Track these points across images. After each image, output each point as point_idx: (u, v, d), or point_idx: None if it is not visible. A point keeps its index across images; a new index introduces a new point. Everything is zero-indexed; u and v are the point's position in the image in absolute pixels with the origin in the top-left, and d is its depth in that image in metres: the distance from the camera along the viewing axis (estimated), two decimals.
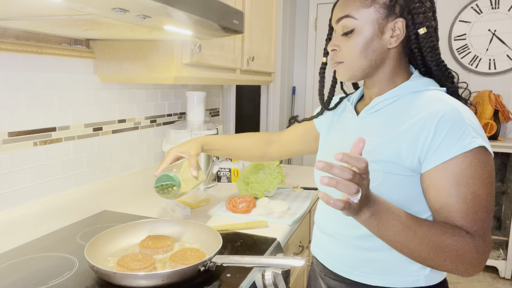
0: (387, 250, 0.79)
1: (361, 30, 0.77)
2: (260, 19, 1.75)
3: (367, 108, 0.84)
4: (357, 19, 0.77)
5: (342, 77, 0.84)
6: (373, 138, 0.80)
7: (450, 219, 0.71)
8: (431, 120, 0.72)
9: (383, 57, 0.80)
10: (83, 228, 1.18)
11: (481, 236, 0.69)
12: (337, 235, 0.86)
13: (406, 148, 0.74)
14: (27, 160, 1.10)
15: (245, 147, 1.18)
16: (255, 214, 1.31)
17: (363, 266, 0.82)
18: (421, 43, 0.78)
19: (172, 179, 1.03)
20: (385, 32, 0.78)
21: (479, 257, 0.69)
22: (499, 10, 2.78)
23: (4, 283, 0.86)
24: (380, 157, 0.76)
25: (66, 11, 0.72)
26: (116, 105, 1.41)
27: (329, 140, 0.95)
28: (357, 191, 0.58)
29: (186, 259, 0.88)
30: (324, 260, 0.91)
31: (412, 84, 0.80)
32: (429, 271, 0.80)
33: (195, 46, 1.19)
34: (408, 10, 0.76)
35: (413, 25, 0.77)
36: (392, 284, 0.80)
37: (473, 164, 0.69)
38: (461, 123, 0.70)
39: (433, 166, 0.71)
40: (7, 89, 1.04)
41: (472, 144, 0.69)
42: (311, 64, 3.36)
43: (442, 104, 0.73)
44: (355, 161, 0.57)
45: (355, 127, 0.86)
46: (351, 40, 0.79)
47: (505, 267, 2.68)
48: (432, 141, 0.71)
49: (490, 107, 2.68)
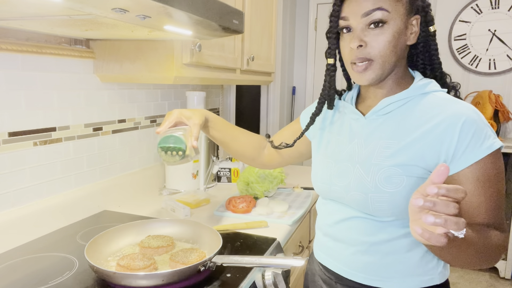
0: (405, 252, 0.79)
1: (393, 23, 0.74)
2: (260, 19, 1.75)
3: (376, 110, 0.81)
4: (390, 12, 0.73)
5: (369, 79, 0.77)
6: (389, 141, 0.78)
7: (477, 218, 0.72)
8: (455, 123, 0.72)
9: (404, 54, 0.79)
10: (83, 228, 1.18)
11: (503, 228, 0.74)
12: (351, 241, 0.84)
13: (430, 151, 0.74)
14: (27, 160, 1.10)
15: (241, 141, 1.10)
16: (255, 214, 1.30)
17: (384, 270, 0.81)
18: (430, 40, 0.79)
19: (180, 142, 0.91)
20: (407, 28, 0.76)
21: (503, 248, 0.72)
22: (499, 10, 2.78)
23: (4, 283, 0.86)
24: (402, 161, 0.75)
25: (66, 11, 0.72)
26: (116, 105, 1.41)
27: (328, 143, 0.91)
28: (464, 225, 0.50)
29: (186, 259, 0.88)
30: (334, 267, 0.88)
31: (421, 86, 0.79)
32: (442, 268, 0.81)
33: (195, 46, 1.19)
34: (423, 8, 0.77)
35: (425, 23, 0.77)
36: (411, 285, 0.80)
37: (495, 163, 0.72)
38: (482, 126, 0.72)
39: (461, 168, 0.72)
40: (7, 89, 1.04)
41: (495, 145, 0.72)
42: (311, 64, 3.36)
43: (460, 106, 0.74)
44: (454, 193, 0.49)
45: (363, 129, 0.83)
46: (383, 35, 0.74)
47: (505, 267, 2.68)
48: (458, 145, 0.72)
49: (490, 107, 2.68)
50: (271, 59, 1.93)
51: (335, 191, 0.86)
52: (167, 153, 0.92)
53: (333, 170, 0.86)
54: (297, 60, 3.41)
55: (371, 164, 0.78)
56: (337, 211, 0.87)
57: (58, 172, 1.21)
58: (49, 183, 1.18)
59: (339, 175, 0.85)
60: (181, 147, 0.91)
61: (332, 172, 0.86)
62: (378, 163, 0.77)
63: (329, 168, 0.87)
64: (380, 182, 0.76)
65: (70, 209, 1.23)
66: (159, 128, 0.95)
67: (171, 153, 0.92)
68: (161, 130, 0.94)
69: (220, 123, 1.08)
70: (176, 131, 0.94)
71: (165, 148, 0.92)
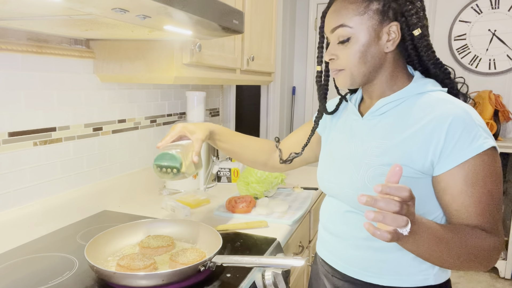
0: (397, 250, 0.79)
1: (357, 38, 0.78)
2: (260, 19, 1.75)
3: (372, 110, 0.84)
4: (352, 27, 0.77)
5: (343, 84, 0.84)
6: (381, 141, 0.80)
7: (467, 220, 0.72)
8: (442, 123, 0.72)
9: (382, 61, 0.81)
10: (83, 228, 1.18)
11: (496, 232, 0.72)
12: (346, 236, 0.86)
13: (417, 150, 0.74)
14: (27, 160, 1.10)
15: (251, 148, 1.11)
16: (255, 214, 1.30)
17: (372, 266, 0.82)
18: (416, 43, 0.79)
19: (175, 161, 0.91)
20: (381, 37, 0.78)
21: (496, 252, 0.71)
22: (499, 10, 2.78)
23: (4, 283, 0.86)
24: (389, 160, 0.76)
25: (66, 11, 0.72)
26: (116, 105, 1.41)
27: (333, 141, 0.94)
28: (407, 223, 0.55)
29: (186, 259, 0.88)
30: (331, 261, 0.91)
31: (417, 86, 0.80)
32: (438, 270, 0.81)
33: (195, 46, 1.19)
34: (401, 13, 0.77)
35: (407, 27, 0.77)
36: (402, 283, 0.80)
37: (486, 164, 0.71)
38: (472, 125, 0.71)
39: (449, 168, 0.72)
40: (7, 89, 1.04)
41: (485, 145, 0.70)
42: (311, 64, 3.36)
43: (450, 106, 0.74)
44: (396, 191, 0.54)
45: (361, 129, 0.86)
46: (349, 49, 0.79)
47: (505, 267, 2.68)
48: (445, 144, 0.71)
49: (490, 107, 2.68)
50: (271, 59, 1.93)
51: (332, 188, 0.89)
52: (162, 170, 0.92)
53: (332, 167, 0.90)
54: (297, 60, 3.41)
55: (362, 163, 0.80)
56: (336, 206, 0.90)
57: (58, 172, 1.21)
58: (49, 183, 1.18)
59: (335, 172, 0.88)
60: (176, 165, 0.90)
61: (331, 169, 0.90)
62: (368, 162, 0.79)
63: (329, 166, 0.91)
64: (369, 180, 0.78)
65: (70, 209, 1.23)
66: (160, 142, 0.96)
67: (165, 170, 0.92)
68: (161, 145, 0.95)
69: (226, 134, 1.08)
70: (175, 147, 0.94)
71: (160, 166, 0.92)
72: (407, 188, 0.54)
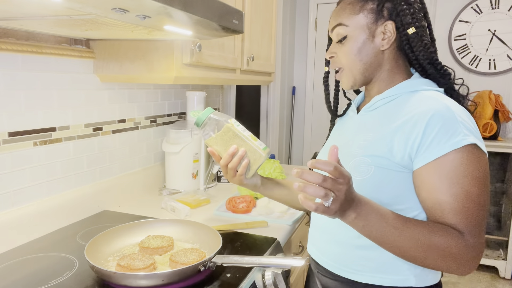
0: (378, 248, 0.79)
1: (352, 36, 0.82)
2: (260, 19, 1.75)
3: (367, 106, 0.87)
4: (348, 26, 0.82)
5: (346, 85, 0.88)
6: (368, 134, 0.82)
7: (442, 217, 0.71)
8: (423, 117, 0.73)
9: (379, 59, 0.83)
10: (83, 228, 1.18)
11: (473, 234, 0.69)
12: (330, 232, 0.87)
13: (398, 144, 0.75)
14: (27, 160, 1.10)
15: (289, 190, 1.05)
16: (255, 214, 1.30)
17: (354, 263, 0.83)
18: (411, 42, 0.80)
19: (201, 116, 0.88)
20: (376, 36, 0.81)
21: (471, 255, 0.69)
22: (499, 10, 2.78)
23: (4, 283, 0.86)
24: (372, 152, 0.78)
25: (66, 11, 0.72)
26: (116, 105, 1.41)
27: (331, 137, 0.99)
28: (326, 195, 0.59)
29: (186, 259, 0.88)
30: (317, 257, 0.92)
31: (410, 84, 0.82)
32: (420, 271, 0.80)
33: (195, 46, 1.19)
34: (396, 13, 0.80)
35: (402, 26, 0.80)
36: (382, 282, 0.80)
37: (465, 161, 0.69)
38: (452, 121, 0.71)
39: (425, 163, 0.72)
40: (7, 89, 1.04)
41: (463, 142, 0.69)
42: (311, 64, 3.36)
43: (434, 102, 0.74)
44: (322, 165, 0.59)
45: (353, 124, 0.89)
46: (345, 46, 0.83)
47: (505, 267, 2.68)
48: (423, 139, 0.71)
49: (490, 107, 2.68)
50: (271, 59, 1.93)
51: None
52: None
53: None
54: (297, 60, 3.41)
55: (349, 154, 0.82)
56: None
57: (58, 172, 1.21)
58: (49, 183, 1.18)
59: None
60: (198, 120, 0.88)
61: None
62: (355, 153, 0.81)
63: None
64: (350, 170, 0.80)
65: (70, 209, 1.23)
66: None
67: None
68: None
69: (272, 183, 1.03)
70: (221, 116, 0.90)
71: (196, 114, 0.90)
72: (332, 164, 0.59)
